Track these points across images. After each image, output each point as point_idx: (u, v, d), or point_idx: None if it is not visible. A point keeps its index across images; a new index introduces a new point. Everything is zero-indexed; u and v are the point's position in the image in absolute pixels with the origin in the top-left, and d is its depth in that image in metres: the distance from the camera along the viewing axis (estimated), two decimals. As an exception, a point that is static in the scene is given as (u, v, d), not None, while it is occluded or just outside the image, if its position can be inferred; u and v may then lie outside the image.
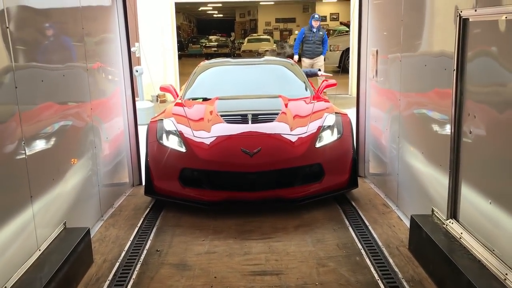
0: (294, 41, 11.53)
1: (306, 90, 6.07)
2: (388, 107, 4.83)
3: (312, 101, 5.53)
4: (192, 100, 5.79)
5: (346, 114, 5.16)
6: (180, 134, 4.73)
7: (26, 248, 3.05)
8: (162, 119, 5.02)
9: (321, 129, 4.80)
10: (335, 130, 4.85)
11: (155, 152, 4.79)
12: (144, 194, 4.90)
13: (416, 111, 4.09)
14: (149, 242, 4.08)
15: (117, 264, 3.68)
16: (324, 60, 11.44)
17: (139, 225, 4.44)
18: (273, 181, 4.60)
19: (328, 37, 20.81)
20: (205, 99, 5.73)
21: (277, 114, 5.00)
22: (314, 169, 4.69)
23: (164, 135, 4.79)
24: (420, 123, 4.01)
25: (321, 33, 10.85)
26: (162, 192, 4.78)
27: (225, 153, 4.57)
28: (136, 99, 6.06)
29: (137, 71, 9.88)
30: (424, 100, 3.93)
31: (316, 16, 11.11)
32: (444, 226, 3.43)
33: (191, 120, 4.99)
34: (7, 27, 2.87)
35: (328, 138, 4.78)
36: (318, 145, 4.69)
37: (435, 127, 3.68)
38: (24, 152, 3.01)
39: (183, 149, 4.63)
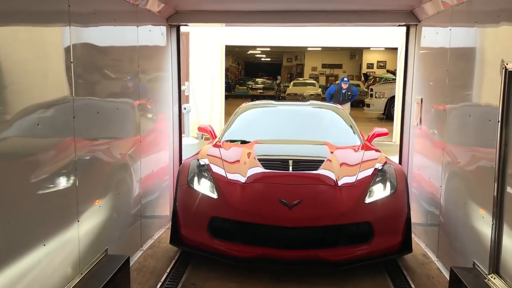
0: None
1: (355, 137, 5.61)
2: (431, 156, 4.78)
3: (361, 150, 5.10)
4: (230, 142, 5.47)
5: (400, 166, 4.71)
6: (212, 178, 4.36)
7: (69, 270, 3.18)
8: (196, 160, 4.72)
9: (371, 182, 4.31)
10: (388, 184, 4.31)
11: (184, 196, 4.38)
12: (169, 243, 4.49)
13: (459, 161, 4.04)
14: (185, 275, 4.14)
15: (153, 294, 3.76)
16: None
17: (176, 257, 4.52)
18: (314, 240, 4.09)
19: (374, 83, 20.98)
20: (243, 142, 5.36)
21: (321, 162, 4.54)
22: (362, 229, 4.13)
23: (196, 178, 4.42)
24: (463, 173, 3.96)
25: (349, 93, 12.02)
26: (188, 242, 4.31)
27: (261, 202, 4.13)
28: (182, 135, 6.25)
29: (185, 108, 10.22)
30: (467, 151, 3.89)
31: (346, 79, 12.22)
32: (486, 280, 3.32)
33: (226, 162, 4.65)
34: (71, 62, 3.12)
35: (379, 193, 4.24)
36: (367, 200, 4.16)
37: (478, 178, 3.62)
38: (75, 178, 3.19)
39: (214, 195, 4.23)
